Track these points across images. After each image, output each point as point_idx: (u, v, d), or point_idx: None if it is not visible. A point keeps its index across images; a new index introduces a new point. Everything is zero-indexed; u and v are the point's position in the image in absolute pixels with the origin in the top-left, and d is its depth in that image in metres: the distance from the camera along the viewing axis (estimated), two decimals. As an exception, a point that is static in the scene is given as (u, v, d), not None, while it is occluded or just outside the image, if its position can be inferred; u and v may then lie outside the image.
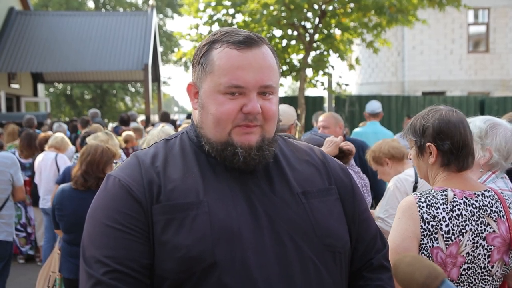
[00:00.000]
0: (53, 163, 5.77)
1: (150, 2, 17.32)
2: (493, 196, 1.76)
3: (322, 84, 10.59)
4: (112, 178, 1.26)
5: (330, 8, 9.95)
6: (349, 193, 1.39)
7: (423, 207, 1.68)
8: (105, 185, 1.27)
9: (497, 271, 1.73)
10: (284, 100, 11.52)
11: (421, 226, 1.67)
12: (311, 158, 1.40)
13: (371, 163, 3.55)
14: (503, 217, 1.74)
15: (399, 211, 1.73)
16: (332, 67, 10.35)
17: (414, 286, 1.07)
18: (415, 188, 3.09)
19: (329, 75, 10.49)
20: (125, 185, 1.22)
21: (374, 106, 6.18)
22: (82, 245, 1.23)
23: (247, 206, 1.22)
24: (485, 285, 1.73)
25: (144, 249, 1.18)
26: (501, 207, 1.75)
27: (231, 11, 10.20)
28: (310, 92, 11.16)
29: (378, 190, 4.27)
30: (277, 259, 1.18)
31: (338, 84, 10.80)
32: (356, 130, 6.38)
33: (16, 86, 15.72)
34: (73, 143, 7.23)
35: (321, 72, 10.28)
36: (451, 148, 1.76)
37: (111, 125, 11.32)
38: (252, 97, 1.21)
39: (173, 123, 9.95)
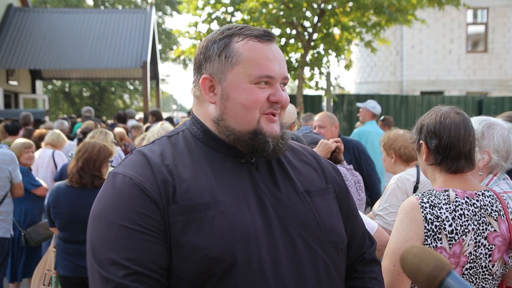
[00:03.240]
0: (50, 160, 5.75)
1: (149, 0, 17.29)
2: (493, 196, 1.77)
3: (316, 84, 10.60)
4: (120, 176, 1.20)
5: (329, 7, 9.95)
6: (343, 192, 1.44)
7: (426, 207, 1.68)
8: (112, 184, 1.21)
9: (497, 270, 1.74)
10: (283, 98, 11.49)
11: (425, 226, 1.66)
12: (306, 157, 1.43)
13: (381, 145, 3.53)
14: (503, 216, 1.74)
15: (401, 213, 1.72)
16: (328, 66, 10.36)
17: (420, 277, 1.06)
18: (415, 188, 3.08)
19: (327, 74, 10.50)
20: (138, 184, 1.17)
21: (376, 108, 6.23)
22: (91, 248, 1.17)
23: (258, 204, 1.23)
24: (486, 284, 1.73)
25: (163, 250, 1.15)
26: (501, 207, 1.76)
27: (230, 9, 10.20)
28: (308, 91, 11.20)
29: (372, 189, 4.27)
30: (289, 257, 1.20)
31: (333, 86, 10.82)
32: (359, 129, 6.38)
33: (14, 83, 15.69)
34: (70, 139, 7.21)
35: (317, 71, 10.29)
36: (437, 148, 1.76)
37: (109, 121, 11.36)
38: (278, 87, 1.27)
39: (171, 120, 9.94)
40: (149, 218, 1.15)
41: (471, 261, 1.69)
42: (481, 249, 1.70)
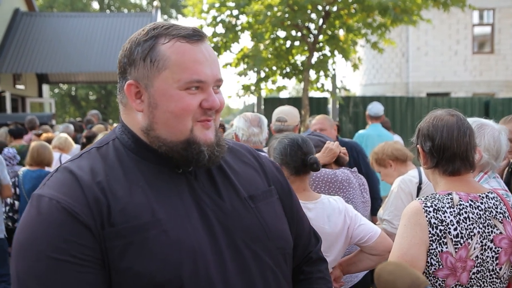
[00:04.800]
0: (57, 163, 5.77)
1: (155, 3, 17.36)
2: (497, 198, 1.76)
3: (322, 86, 10.59)
4: (46, 199, 1.07)
5: (334, 9, 9.94)
6: (285, 191, 1.39)
7: (429, 212, 1.67)
8: (37, 209, 1.07)
9: (505, 273, 1.73)
10: (288, 101, 11.50)
11: (429, 231, 1.65)
12: (247, 158, 1.37)
13: (374, 165, 3.56)
14: (508, 218, 1.73)
15: (404, 218, 1.71)
16: (334, 69, 10.34)
17: None
18: (419, 189, 3.08)
19: (333, 77, 10.48)
20: (67, 208, 1.05)
21: (379, 108, 6.19)
22: (18, 283, 1.04)
23: (201, 217, 1.15)
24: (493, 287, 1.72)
25: (100, 279, 1.05)
26: (505, 208, 1.75)
27: (235, 12, 10.20)
28: (314, 93, 11.20)
29: (370, 189, 4.26)
30: (237, 270, 1.15)
31: (338, 88, 10.79)
32: (360, 132, 6.37)
33: (21, 87, 15.78)
34: (78, 143, 7.23)
35: (323, 73, 10.29)
36: (431, 150, 1.77)
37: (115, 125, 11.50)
38: (210, 91, 1.17)
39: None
40: (82, 247, 1.03)
41: (478, 265, 1.68)
42: (488, 252, 1.69)
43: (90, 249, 1.04)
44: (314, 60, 10.19)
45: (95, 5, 30.00)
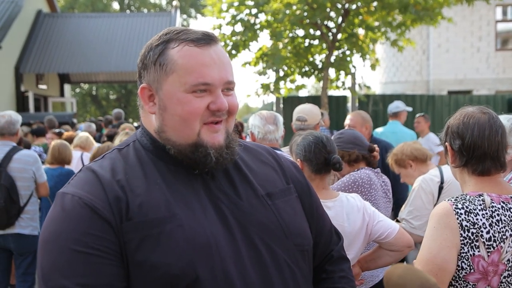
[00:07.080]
0: (79, 162, 5.86)
1: (174, 3, 17.48)
2: None
3: (343, 84, 10.53)
4: (69, 196, 1.14)
5: (354, 7, 9.86)
6: (305, 189, 1.40)
7: (461, 214, 1.61)
8: (61, 206, 1.14)
9: (535, 277, 1.67)
10: (307, 99, 11.45)
11: (461, 234, 1.60)
12: (265, 158, 1.39)
13: (393, 166, 3.51)
14: None
15: (433, 219, 1.66)
16: (354, 67, 10.26)
17: None
18: (440, 189, 3.03)
19: (352, 75, 10.42)
20: (88, 204, 1.11)
21: (395, 106, 6.20)
22: (42, 276, 1.09)
23: (216, 213, 1.18)
24: (523, 292, 1.67)
25: (120, 272, 1.09)
26: None
27: (254, 11, 10.21)
28: (333, 91, 11.13)
29: (399, 194, 4.17)
30: (254, 266, 1.16)
31: (359, 85, 10.73)
32: (375, 130, 6.34)
33: (43, 86, 16.06)
34: (98, 142, 7.34)
35: (343, 72, 10.23)
36: (461, 149, 1.71)
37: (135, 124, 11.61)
38: (219, 93, 1.18)
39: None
40: (102, 240, 1.09)
41: (510, 268, 1.63)
42: (519, 256, 1.64)
43: (110, 242, 1.09)
44: (333, 58, 10.13)
45: (115, 6, 30.35)
